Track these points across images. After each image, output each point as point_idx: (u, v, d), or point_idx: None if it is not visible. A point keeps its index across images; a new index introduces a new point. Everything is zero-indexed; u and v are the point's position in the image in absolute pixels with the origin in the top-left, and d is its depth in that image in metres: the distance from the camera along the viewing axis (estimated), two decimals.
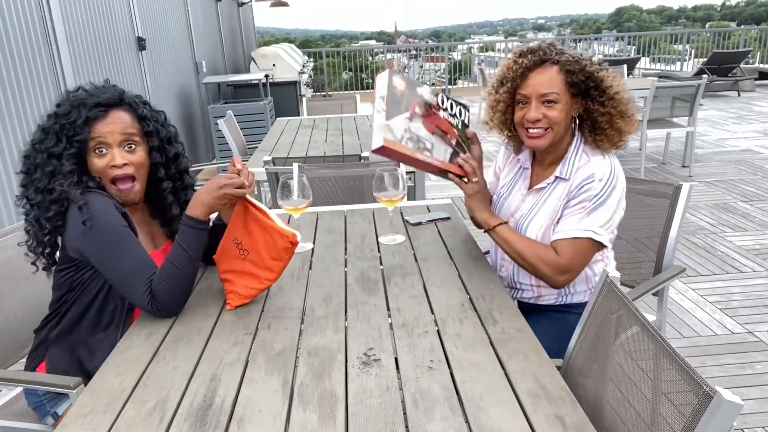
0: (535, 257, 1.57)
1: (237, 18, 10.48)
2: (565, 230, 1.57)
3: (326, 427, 1.03)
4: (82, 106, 1.46)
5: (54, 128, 1.46)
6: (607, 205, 1.56)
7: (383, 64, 13.66)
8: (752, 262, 3.61)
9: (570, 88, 1.59)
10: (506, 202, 1.77)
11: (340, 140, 3.79)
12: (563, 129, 1.63)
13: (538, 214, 1.66)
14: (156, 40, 5.56)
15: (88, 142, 1.46)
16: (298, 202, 1.73)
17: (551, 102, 1.59)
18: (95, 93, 1.49)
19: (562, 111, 1.60)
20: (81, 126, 1.44)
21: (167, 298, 1.41)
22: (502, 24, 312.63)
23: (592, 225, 1.55)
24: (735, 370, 2.57)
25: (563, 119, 1.60)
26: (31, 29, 3.32)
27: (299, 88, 7.70)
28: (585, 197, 1.57)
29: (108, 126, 1.47)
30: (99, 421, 1.08)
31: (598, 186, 1.56)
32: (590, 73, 1.58)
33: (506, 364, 1.20)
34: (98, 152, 1.48)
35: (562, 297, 1.73)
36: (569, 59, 1.59)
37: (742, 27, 14.35)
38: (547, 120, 1.60)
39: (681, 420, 0.94)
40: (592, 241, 1.55)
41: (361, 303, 1.49)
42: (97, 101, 1.47)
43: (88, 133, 1.46)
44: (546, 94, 1.59)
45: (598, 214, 1.55)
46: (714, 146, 6.58)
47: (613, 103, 1.59)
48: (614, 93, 1.59)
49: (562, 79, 1.59)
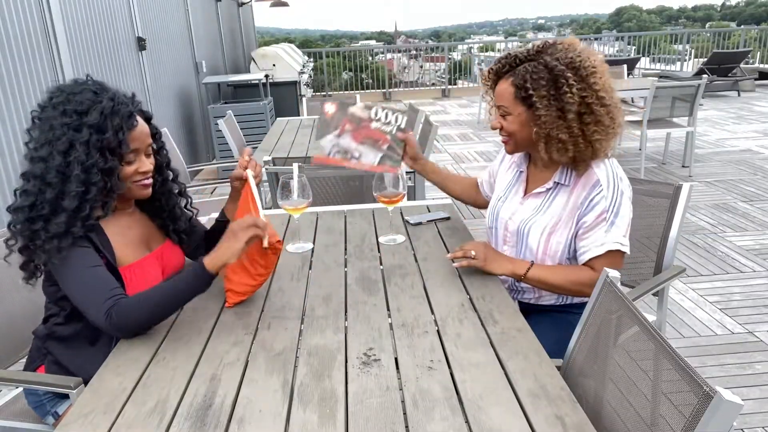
0: (575, 285, 1.60)
1: (237, 18, 10.48)
2: (596, 246, 1.58)
3: (326, 427, 1.03)
4: (115, 115, 1.40)
5: (82, 138, 1.36)
6: (623, 211, 1.57)
7: (383, 65, 13.66)
8: (752, 262, 3.61)
9: (521, 101, 1.59)
10: (504, 205, 1.78)
11: None
12: (521, 139, 1.65)
13: (540, 219, 1.66)
14: (156, 40, 5.55)
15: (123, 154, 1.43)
16: (298, 202, 1.73)
17: (504, 113, 1.64)
18: (121, 101, 1.44)
19: (513, 123, 1.63)
20: (122, 139, 1.40)
21: (129, 323, 1.35)
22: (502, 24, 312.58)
23: (617, 236, 1.57)
24: (735, 370, 2.57)
25: (516, 130, 1.63)
26: (31, 29, 3.32)
27: (299, 88, 7.70)
28: (601, 209, 1.57)
29: (138, 135, 1.46)
30: (99, 421, 1.08)
31: (608, 195, 1.57)
32: (527, 90, 1.56)
33: (506, 364, 1.20)
34: (128, 161, 1.46)
35: (562, 297, 1.73)
36: (520, 72, 1.57)
37: (742, 27, 14.35)
38: (504, 129, 1.66)
39: (681, 420, 0.94)
40: (621, 252, 1.58)
41: (361, 303, 1.49)
42: (129, 111, 1.43)
43: (128, 148, 1.43)
44: (500, 106, 1.65)
45: (619, 222, 1.57)
46: (714, 146, 6.58)
47: (540, 123, 1.57)
48: (544, 117, 1.55)
49: (512, 92, 1.60)
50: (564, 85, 1.52)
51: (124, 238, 1.50)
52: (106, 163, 1.39)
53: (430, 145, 3.52)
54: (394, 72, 13.86)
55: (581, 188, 1.61)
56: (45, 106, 1.41)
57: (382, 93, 11.99)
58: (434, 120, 5.02)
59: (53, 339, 1.52)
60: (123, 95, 1.46)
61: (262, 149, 3.69)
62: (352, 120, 1.87)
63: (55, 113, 1.38)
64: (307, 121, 4.68)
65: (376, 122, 1.88)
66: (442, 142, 7.44)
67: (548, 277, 1.61)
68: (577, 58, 1.55)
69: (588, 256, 1.59)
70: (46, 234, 1.34)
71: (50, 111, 1.40)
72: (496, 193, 1.84)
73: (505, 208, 1.77)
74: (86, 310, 1.36)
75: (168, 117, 5.60)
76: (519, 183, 1.78)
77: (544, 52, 1.60)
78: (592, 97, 1.53)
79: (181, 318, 1.45)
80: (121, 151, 1.42)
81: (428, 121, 3.77)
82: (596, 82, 1.54)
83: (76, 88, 1.42)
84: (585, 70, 1.54)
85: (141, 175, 1.49)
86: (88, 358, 1.49)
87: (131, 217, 1.58)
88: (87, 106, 1.38)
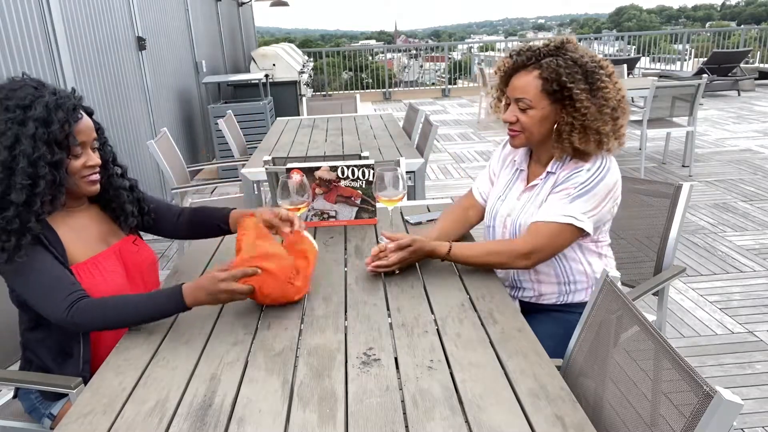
0: (497, 256, 1.60)
1: (237, 18, 10.48)
2: (546, 214, 1.58)
3: (326, 426, 1.03)
4: (60, 108, 1.39)
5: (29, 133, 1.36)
6: (593, 194, 1.56)
7: (383, 64, 13.67)
8: (752, 262, 3.61)
9: (547, 95, 1.58)
10: (503, 204, 1.77)
11: (340, 140, 3.80)
12: (537, 134, 1.63)
13: (530, 210, 1.67)
14: (156, 39, 5.55)
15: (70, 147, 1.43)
16: (298, 202, 1.73)
17: (525, 107, 1.60)
18: (63, 95, 1.43)
19: (534, 117, 1.60)
20: (69, 132, 1.40)
21: (85, 323, 1.36)
22: (502, 24, 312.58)
23: (573, 211, 1.55)
24: (735, 370, 2.57)
25: (535, 125, 1.61)
26: (31, 29, 3.32)
27: (299, 88, 7.70)
28: (570, 184, 1.58)
29: (84, 128, 1.45)
30: (99, 420, 1.08)
31: (585, 175, 1.58)
32: (564, 84, 1.55)
33: (506, 364, 1.20)
34: (75, 154, 1.45)
35: (563, 296, 1.73)
36: (551, 66, 1.56)
37: (742, 26, 14.35)
38: (519, 123, 1.63)
39: (681, 420, 0.94)
40: (573, 227, 1.56)
41: (361, 303, 1.49)
42: (73, 104, 1.43)
43: (76, 141, 1.42)
44: (520, 99, 1.61)
45: (582, 201, 1.56)
46: (714, 146, 6.58)
47: (578, 116, 1.56)
48: (584, 109, 1.55)
49: (539, 85, 1.58)
50: (599, 80, 1.56)
51: (77, 234, 1.50)
52: (53, 156, 1.38)
53: (430, 145, 3.52)
54: (394, 72, 13.86)
55: (567, 170, 1.62)
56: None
57: (382, 93, 11.99)
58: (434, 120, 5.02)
59: (30, 344, 1.53)
60: (63, 90, 1.46)
61: (262, 149, 3.70)
62: (321, 184, 2.00)
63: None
64: (306, 120, 4.68)
65: (344, 180, 2.00)
66: (442, 141, 7.44)
67: (471, 253, 1.62)
68: (596, 58, 1.60)
69: (535, 219, 1.60)
70: (3, 231, 1.34)
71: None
72: (495, 192, 1.84)
73: (504, 206, 1.77)
74: (43, 306, 1.37)
75: (168, 117, 5.60)
76: (518, 181, 1.77)
77: (565, 48, 1.60)
78: (618, 94, 1.60)
79: (181, 318, 1.45)
80: (69, 143, 1.41)
81: (428, 121, 3.78)
82: (616, 81, 1.61)
83: (14, 85, 1.41)
84: (607, 70, 1.60)
85: (89, 170, 1.47)
86: (64, 361, 1.49)
87: (86, 213, 1.57)
88: (30, 101, 1.38)
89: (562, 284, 1.71)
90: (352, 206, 2.03)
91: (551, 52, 1.60)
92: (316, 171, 1.99)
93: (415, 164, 3.12)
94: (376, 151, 3.40)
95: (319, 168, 1.99)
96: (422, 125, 3.96)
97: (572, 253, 1.68)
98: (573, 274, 1.69)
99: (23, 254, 1.34)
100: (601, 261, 1.71)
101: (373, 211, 2.04)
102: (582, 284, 1.71)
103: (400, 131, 4.04)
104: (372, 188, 2.00)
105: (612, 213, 1.65)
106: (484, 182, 1.92)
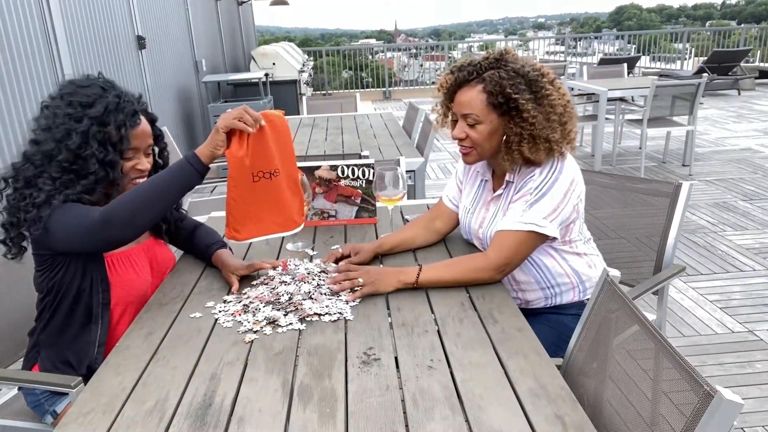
0: (468, 273, 1.54)
1: (237, 17, 10.48)
2: (508, 223, 1.57)
3: (326, 426, 1.03)
4: (119, 111, 1.44)
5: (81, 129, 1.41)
6: (549, 197, 1.55)
7: (383, 63, 13.66)
8: (752, 261, 3.61)
9: (494, 108, 1.56)
10: (473, 217, 1.76)
11: (340, 139, 3.79)
12: (489, 148, 1.61)
13: (497, 222, 1.65)
14: (156, 38, 5.55)
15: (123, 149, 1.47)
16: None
17: (474, 122, 1.59)
18: (127, 99, 1.48)
19: (483, 132, 1.58)
20: (124, 135, 1.45)
21: (115, 209, 1.37)
22: (503, 23, 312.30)
23: (533, 218, 1.54)
24: (735, 369, 2.57)
25: (486, 140, 1.59)
26: (31, 29, 3.31)
27: (299, 87, 7.71)
28: (526, 190, 1.58)
29: (140, 134, 1.50)
30: (99, 420, 1.08)
31: (538, 179, 1.57)
32: (509, 96, 1.53)
33: (506, 364, 1.20)
34: (127, 157, 1.50)
35: (550, 299, 1.71)
36: (494, 78, 1.54)
37: (743, 26, 14.36)
38: (470, 139, 1.61)
39: (681, 419, 0.94)
40: (535, 234, 1.55)
41: (361, 302, 1.49)
42: (134, 109, 1.48)
43: (129, 144, 1.47)
44: (468, 115, 1.59)
45: (540, 205, 1.55)
46: (714, 145, 6.58)
47: (527, 125, 1.54)
48: (532, 119, 1.53)
49: (484, 99, 1.56)
50: (542, 88, 1.56)
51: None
52: (106, 155, 1.43)
53: (430, 144, 3.52)
54: (394, 71, 13.86)
55: (522, 177, 1.62)
56: (54, 97, 1.48)
57: (382, 92, 11.99)
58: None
59: (43, 341, 1.54)
60: (131, 94, 1.52)
61: None
62: (321, 183, 2.01)
63: (62, 103, 1.45)
64: (306, 119, 4.68)
65: (344, 180, 2.01)
66: (442, 141, 7.44)
67: (441, 274, 1.55)
68: (537, 66, 1.60)
69: (498, 228, 1.58)
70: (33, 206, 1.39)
71: (58, 101, 1.46)
72: (463, 205, 1.82)
73: (474, 219, 1.76)
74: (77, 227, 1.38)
75: (168, 115, 5.59)
76: (485, 191, 1.76)
77: (504, 60, 1.59)
78: (563, 99, 1.60)
79: (180, 318, 1.45)
80: (122, 146, 1.46)
81: (428, 120, 3.77)
82: (560, 87, 1.61)
83: (85, 83, 1.49)
84: (548, 77, 1.59)
85: (137, 172, 1.52)
86: (75, 358, 1.52)
87: None
88: (92, 100, 1.44)
89: (546, 289, 1.70)
90: (352, 205, 2.04)
91: (492, 64, 1.58)
92: (316, 170, 1.99)
93: (415, 163, 3.12)
94: (376, 150, 3.40)
95: (319, 167, 2.00)
96: (422, 124, 3.95)
97: (548, 259, 1.66)
98: (554, 278, 1.68)
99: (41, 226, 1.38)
100: (582, 259, 1.69)
101: (373, 211, 2.04)
102: (566, 285, 1.69)
103: (400, 130, 4.04)
104: (372, 187, 2.00)
105: (578, 211, 1.63)
106: (452, 189, 1.90)
